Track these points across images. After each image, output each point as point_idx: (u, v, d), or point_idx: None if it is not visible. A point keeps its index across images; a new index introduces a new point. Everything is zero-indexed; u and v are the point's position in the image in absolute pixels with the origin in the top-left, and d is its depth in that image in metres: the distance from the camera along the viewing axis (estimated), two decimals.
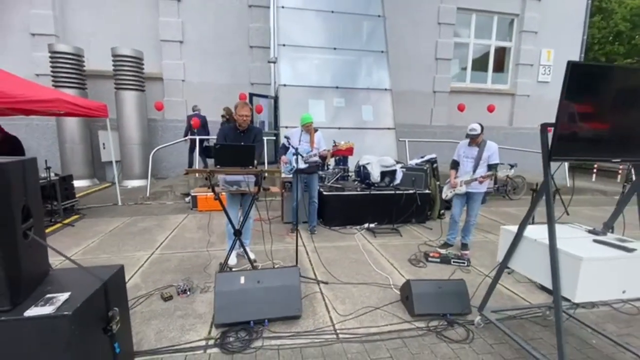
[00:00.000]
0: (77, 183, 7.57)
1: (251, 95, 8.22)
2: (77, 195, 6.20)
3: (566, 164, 9.45)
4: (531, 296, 3.19)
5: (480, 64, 10.89)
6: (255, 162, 3.34)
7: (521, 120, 10.90)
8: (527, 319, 2.81)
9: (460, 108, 8.94)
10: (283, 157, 4.39)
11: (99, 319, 1.80)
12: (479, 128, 4.03)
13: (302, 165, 4.28)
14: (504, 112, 10.92)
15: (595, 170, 11.42)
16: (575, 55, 10.78)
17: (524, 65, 10.72)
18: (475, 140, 4.08)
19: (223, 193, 3.43)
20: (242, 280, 2.62)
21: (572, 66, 1.79)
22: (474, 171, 4.13)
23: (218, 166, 2.98)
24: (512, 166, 7.99)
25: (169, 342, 2.39)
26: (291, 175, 4.47)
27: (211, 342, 2.38)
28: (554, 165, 2.06)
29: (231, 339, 2.40)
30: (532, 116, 10.85)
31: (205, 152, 7.49)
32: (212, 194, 3.25)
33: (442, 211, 5.88)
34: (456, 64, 10.80)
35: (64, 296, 1.65)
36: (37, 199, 1.81)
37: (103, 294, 1.82)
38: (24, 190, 1.69)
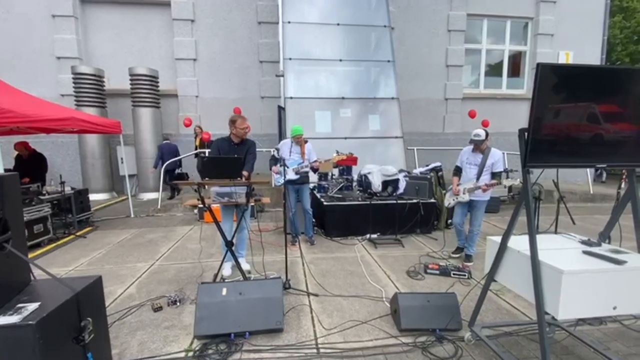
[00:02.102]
0: (96, 196, 7.98)
1: (279, 107, 8.41)
2: (94, 208, 6.51)
3: (588, 170, 8.93)
4: (532, 311, 2.99)
5: (495, 70, 10.62)
6: (247, 173, 3.46)
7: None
8: (525, 336, 2.62)
9: (471, 115, 8.72)
10: (274, 168, 4.43)
11: (70, 329, 1.84)
12: (483, 134, 3.93)
13: (293, 176, 4.32)
14: (521, 117, 10.51)
15: (624, 177, 10.71)
16: (596, 57, 10.30)
17: None
18: (479, 146, 3.99)
19: (216, 205, 3.47)
20: (224, 291, 2.62)
21: (541, 68, 1.71)
22: (478, 178, 4.02)
23: (206, 178, 3.04)
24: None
25: (150, 353, 2.42)
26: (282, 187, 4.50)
27: (190, 354, 2.39)
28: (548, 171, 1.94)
29: (210, 352, 2.40)
30: None
31: (177, 179, 7.64)
32: (214, 205, 3.29)
33: (450, 221, 5.68)
34: (469, 70, 10.58)
35: (33, 306, 1.71)
36: (17, 213, 1.91)
37: (75, 304, 1.87)
38: (0, 204, 1.78)
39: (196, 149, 7.93)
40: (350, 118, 7.70)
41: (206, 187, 3.14)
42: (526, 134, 1.90)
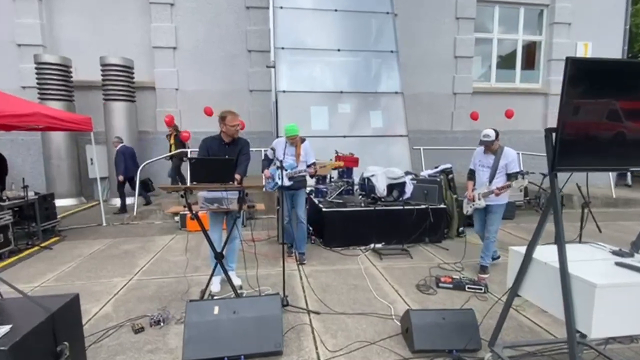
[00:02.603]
0: (62, 202, 7.85)
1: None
2: (61, 215, 6.40)
3: (610, 173, 9.11)
4: (557, 328, 3.03)
5: (507, 62, 10.78)
6: (239, 176, 3.44)
7: (555, 122, 10.60)
8: (550, 356, 2.66)
9: (474, 117, 8.80)
10: (266, 172, 4.39)
11: (46, 354, 1.81)
12: (492, 134, 4.00)
13: (285, 182, 4.26)
14: (536, 114, 10.70)
15: None
16: (617, 48, 10.53)
17: (558, 61, 10.51)
18: (490, 147, 4.05)
19: (204, 212, 3.45)
20: (216, 310, 2.60)
21: (571, 62, 1.74)
22: (490, 181, 4.09)
23: (194, 182, 3.02)
24: (545, 175, 7.75)
25: None
26: (276, 192, 4.51)
27: None
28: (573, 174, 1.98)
29: None
30: None
31: (144, 187, 7.53)
32: (201, 212, 3.26)
33: (462, 229, 5.75)
34: (479, 62, 10.72)
35: (3, 329, 1.68)
36: None
37: (50, 327, 1.84)
38: None
39: (170, 150, 7.83)
40: (349, 114, 7.74)
41: (193, 192, 3.13)
42: (554, 134, 1.93)
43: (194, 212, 3.14)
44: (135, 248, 5.19)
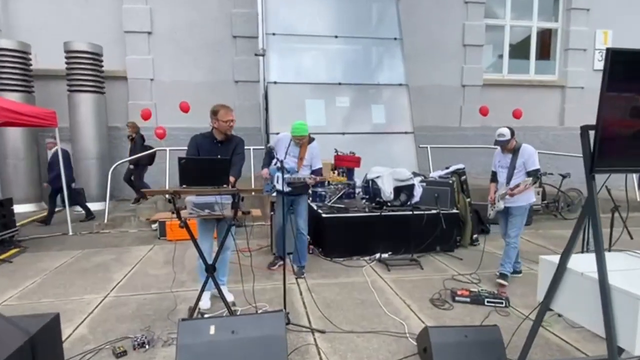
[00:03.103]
0: (20, 208, 7.69)
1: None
2: (20, 223, 6.27)
3: (635, 176, 9.33)
4: (588, 346, 3.10)
5: (520, 51, 10.97)
6: (233, 179, 3.43)
7: (574, 118, 10.87)
8: None
9: (483, 112, 8.93)
10: (264, 171, 4.32)
11: None
12: (507, 133, 4.12)
13: (283, 188, 4.17)
14: (552, 109, 10.91)
15: None
16: None
17: (575, 51, 10.76)
18: (506, 147, 4.18)
19: (192, 219, 3.43)
20: (212, 329, 2.58)
21: (612, 54, 1.79)
22: (508, 181, 4.22)
23: (184, 185, 3.00)
24: (563, 176, 7.93)
25: None
26: (269, 196, 4.49)
27: None
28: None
29: None
30: (588, 113, 10.67)
31: (75, 197, 7.13)
32: (189, 219, 3.23)
33: (476, 235, 5.83)
34: (489, 51, 10.89)
35: None
36: None
37: (29, 352, 1.81)
38: None
39: (131, 153, 7.70)
40: (348, 109, 7.81)
41: (180, 196, 3.11)
42: (591, 132, 1.98)
43: (183, 219, 3.12)
44: (109, 260, 5.14)
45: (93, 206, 7.76)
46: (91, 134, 8.19)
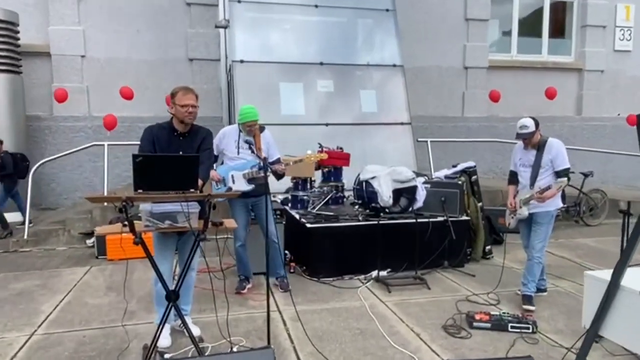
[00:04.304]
0: None
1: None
2: None
3: None
4: None
5: (531, 27, 11.24)
6: (201, 182, 3.32)
7: (593, 106, 11.25)
8: None
9: (494, 97, 9.07)
10: (213, 173, 4.31)
11: None
12: (531, 124, 4.12)
13: (244, 186, 4.23)
14: (568, 96, 11.22)
15: None
16: None
17: (594, 28, 11.13)
18: (529, 141, 4.19)
19: (149, 232, 3.29)
20: None
21: None
22: (532, 184, 4.22)
23: (140, 190, 2.88)
24: (585, 175, 8.19)
25: None
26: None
27: None
28: None
29: None
30: (609, 101, 11.22)
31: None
32: (129, 233, 3.09)
33: (489, 247, 5.90)
34: (496, 27, 11.10)
35: None
36: None
37: None
38: None
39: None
40: (332, 94, 7.80)
41: (133, 204, 2.97)
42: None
43: (138, 233, 2.97)
44: (33, 287, 4.91)
45: (9, 217, 7.38)
46: (4, 125, 7.78)
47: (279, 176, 4.59)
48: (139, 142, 3.50)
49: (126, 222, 2.97)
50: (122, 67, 8.91)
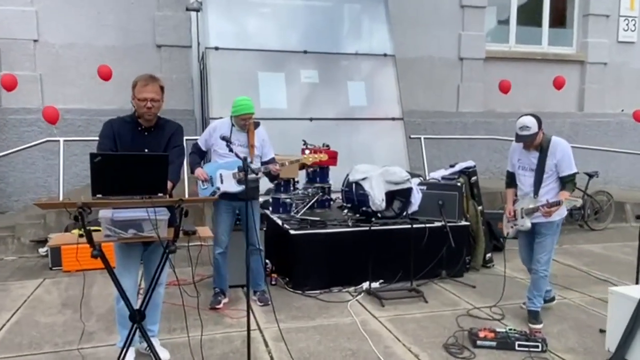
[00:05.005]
0: None
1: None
2: None
3: None
4: None
5: (531, 16, 11.29)
6: (171, 185, 3.24)
7: (596, 101, 11.35)
8: None
9: (504, 88, 9.03)
10: (199, 171, 4.39)
11: None
12: (533, 124, 3.99)
13: (233, 187, 4.23)
14: (570, 90, 11.26)
15: None
16: None
17: (597, 17, 11.24)
18: (530, 142, 4.08)
19: (110, 243, 3.17)
20: None
21: None
22: (536, 191, 4.12)
23: (99, 195, 2.74)
24: (590, 176, 8.24)
25: None
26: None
27: None
28: None
29: None
30: (613, 95, 11.34)
31: None
32: (87, 243, 2.94)
33: (489, 255, 5.88)
34: (493, 14, 11.13)
35: None
36: None
37: None
38: None
39: None
40: (317, 86, 7.75)
41: (91, 210, 2.82)
42: None
43: (97, 244, 2.83)
44: None
45: None
46: None
47: (273, 177, 4.66)
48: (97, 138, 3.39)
49: (82, 232, 2.82)
50: (81, 53, 8.64)
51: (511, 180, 4.40)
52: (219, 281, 4.68)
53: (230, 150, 4.09)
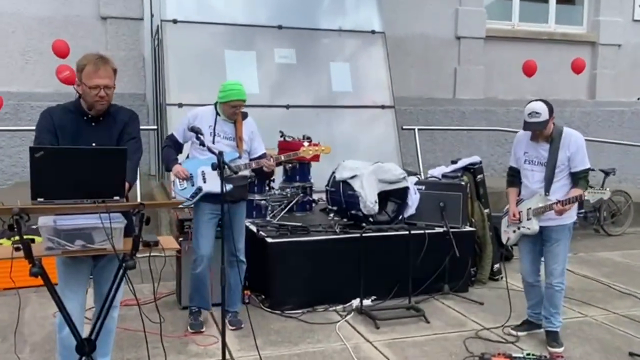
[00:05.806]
0: None
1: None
2: None
3: None
4: None
5: None
6: (127, 185, 3.13)
7: (609, 88, 11.57)
8: None
9: (529, 69, 8.88)
10: (177, 168, 4.35)
11: None
12: (544, 110, 3.98)
13: (217, 188, 4.10)
14: (580, 75, 11.42)
15: None
16: None
17: None
18: (540, 132, 4.07)
19: (51, 257, 3.02)
20: None
21: None
22: (547, 188, 4.12)
23: (39, 199, 2.62)
24: (606, 173, 8.34)
25: None
26: (192, 206, 4.54)
27: None
28: None
29: None
30: (628, 81, 11.57)
31: None
32: (23, 258, 2.80)
33: (497, 266, 5.89)
34: None
35: None
36: None
37: None
38: None
39: None
40: (294, 68, 7.76)
41: (29, 217, 2.67)
42: None
43: (36, 259, 2.67)
44: None
45: None
46: None
47: (265, 175, 4.73)
48: (32, 129, 3.34)
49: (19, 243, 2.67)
50: (8, 25, 8.48)
51: (514, 177, 4.38)
52: (199, 299, 4.57)
53: (202, 143, 3.95)
